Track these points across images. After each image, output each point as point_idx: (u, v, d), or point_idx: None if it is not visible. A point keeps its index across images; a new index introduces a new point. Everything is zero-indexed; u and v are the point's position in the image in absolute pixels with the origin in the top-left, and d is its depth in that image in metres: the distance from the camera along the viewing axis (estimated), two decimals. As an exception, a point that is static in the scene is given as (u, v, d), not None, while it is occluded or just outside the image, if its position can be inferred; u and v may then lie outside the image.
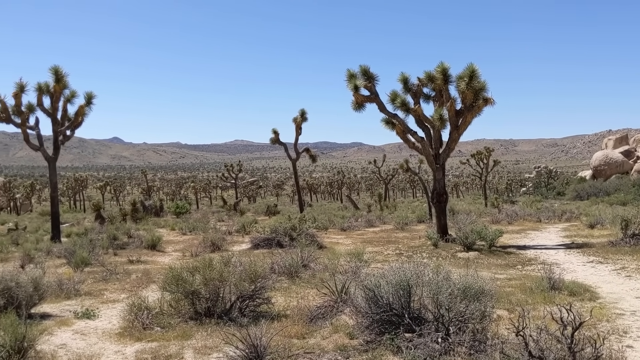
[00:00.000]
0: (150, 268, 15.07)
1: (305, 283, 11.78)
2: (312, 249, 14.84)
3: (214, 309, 8.91)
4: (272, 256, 14.01)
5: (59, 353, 7.42)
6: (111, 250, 18.87)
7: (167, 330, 8.30)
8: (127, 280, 13.27)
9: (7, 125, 23.81)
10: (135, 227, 26.72)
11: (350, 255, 14.13)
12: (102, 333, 8.51)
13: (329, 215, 32.65)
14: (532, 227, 25.35)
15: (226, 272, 9.17)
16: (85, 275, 13.62)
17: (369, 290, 7.33)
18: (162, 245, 20.27)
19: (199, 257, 14.90)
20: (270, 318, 8.72)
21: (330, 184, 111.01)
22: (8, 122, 23.45)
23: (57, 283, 11.59)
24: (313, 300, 9.77)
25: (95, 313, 9.72)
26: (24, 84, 23.19)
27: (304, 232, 19.13)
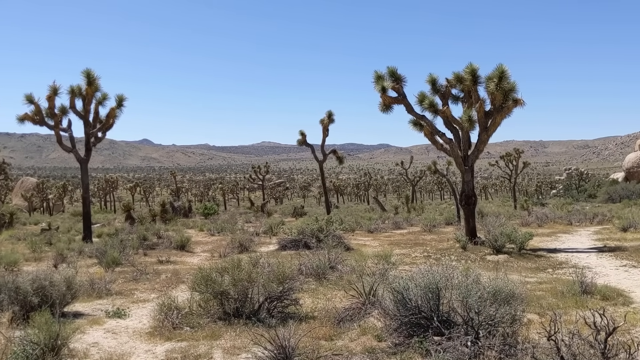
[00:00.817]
0: (180, 268, 15.24)
1: (332, 285, 11.78)
2: (339, 250, 14.85)
3: (242, 310, 8.97)
4: (299, 257, 14.05)
5: (91, 351, 7.55)
6: (141, 250, 19.12)
7: (197, 330, 8.38)
8: (157, 280, 13.44)
9: (40, 127, 24.34)
10: (165, 228, 27.06)
11: (377, 257, 14.09)
12: (133, 332, 8.64)
13: (356, 217, 32.60)
14: (563, 230, 24.93)
15: (254, 273, 9.23)
16: (116, 275, 13.84)
17: (398, 293, 7.30)
18: (190, 246, 20.48)
19: (227, 257, 15.01)
20: (298, 319, 8.74)
21: (357, 185, 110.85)
22: (42, 124, 23.96)
23: (89, 282, 11.80)
24: (340, 302, 9.77)
25: (126, 312, 9.87)
26: (57, 87, 23.68)
27: (331, 233, 19.14)
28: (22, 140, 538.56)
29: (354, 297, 9.26)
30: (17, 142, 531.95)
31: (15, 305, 8.93)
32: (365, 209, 48.03)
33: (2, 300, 9.03)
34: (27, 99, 23.45)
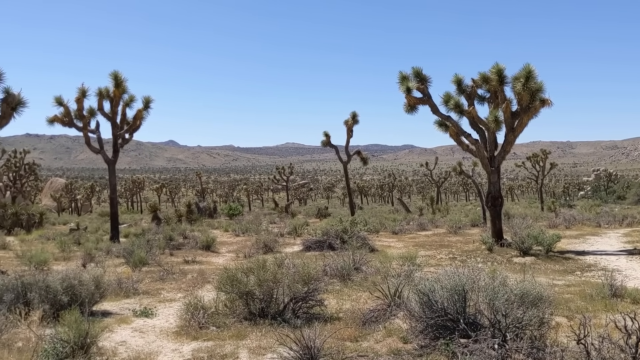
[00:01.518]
0: (205, 268, 15.36)
1: (357, 286, 11.77)
2: (363, 251, 14.82)
3: (267, 310, 9.01)
4: (324, 258, 14.07)
5: (119, 350, 7.66)
6: (167, 250, 19.33)
7: (222, 330, 8.44)
8: (183, 280, 13.57)
9: (69, 128, 24.77)
10: (190, 228, 27.31)
11: (402, 259, 14.03)
12: (160, 331, 8.74)
13: (380, 218, 32.49)
14: (591, 232, 24.52)
15: (280, 273, 9.26)
16: (143, 275, 14.01)
17: (424, 295, 7.26)
18: (216, 246, 20.63)
19: (252, 258, 15.09)
20: (323, 320, 8.75)
21: (381, 186, 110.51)
22: (71, 126, 24.37)
23: (117, 282, 11.97)
24: (365, 304, 9.75)
25: (153, 312, 9.99)
26: (85, 89, 24.08)
27: (355, 234, 19.11)
28: (51, 141, 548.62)
29: (379, 298, 9.23)
30: (46, 144, 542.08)
31: (45, 303, 9.09)
32: (390, 210, 47.86)
33: (33, 299, 9.20)
34: (57, 101, 23.88)
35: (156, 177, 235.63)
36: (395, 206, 60.36)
